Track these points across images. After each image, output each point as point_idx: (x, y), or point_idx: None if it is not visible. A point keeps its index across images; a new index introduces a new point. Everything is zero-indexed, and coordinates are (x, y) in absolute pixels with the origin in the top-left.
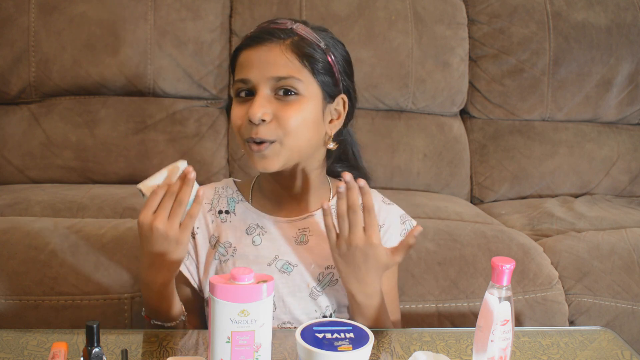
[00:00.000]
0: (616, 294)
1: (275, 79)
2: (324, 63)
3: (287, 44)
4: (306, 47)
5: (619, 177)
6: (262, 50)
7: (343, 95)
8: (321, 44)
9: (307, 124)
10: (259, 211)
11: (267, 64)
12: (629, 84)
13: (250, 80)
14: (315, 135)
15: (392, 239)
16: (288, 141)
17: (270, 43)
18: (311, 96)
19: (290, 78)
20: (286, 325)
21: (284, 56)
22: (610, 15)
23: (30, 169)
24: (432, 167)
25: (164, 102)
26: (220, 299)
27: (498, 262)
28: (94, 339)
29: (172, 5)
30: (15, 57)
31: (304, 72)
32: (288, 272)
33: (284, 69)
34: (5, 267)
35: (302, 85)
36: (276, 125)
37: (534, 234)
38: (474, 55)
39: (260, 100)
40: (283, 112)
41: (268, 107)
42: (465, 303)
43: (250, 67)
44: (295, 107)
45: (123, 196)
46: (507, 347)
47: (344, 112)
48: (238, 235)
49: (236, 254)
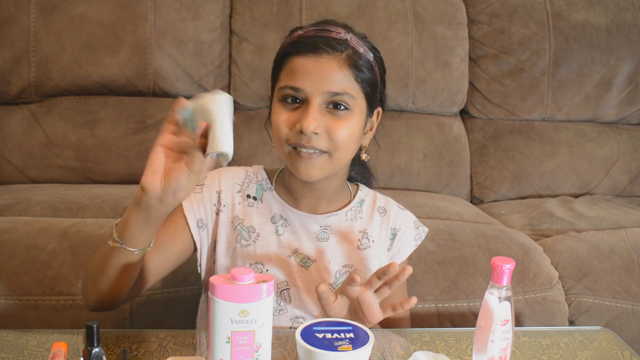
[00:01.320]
0: (616, 294)
1: (330, 93)
2: (371, 77)
3: (344, 58)
4: (359, 62)
5: (619, 177)
6: (319, 62)
7: (379, 108)
8: (370, 56)
9: (353, 139)
10: (284, 202)
11: (324, 77)
12: (629, 84)
13: (304, 91)
14: (355, 148)
15: (407, 242)
16: (336, 154)
17: (327, 55)
18: (359, 111)
19: (345, 94)
20: (299, 320)
21: (341, 71)
22: (610, 15)
23: (30, 169)
24: (432, 167)
25: (164, 102)
26: (220, 299)
27: (498, 262)
28: (94, 339)
29: (172, 5)
30: (15, 57)
31: (356, 88)
32: (307, 267)
33: (341, 84)
34: (5, 267)
35: (353, 101)
36: (327, 138)
37: (534, 234)
38: (474, 55)
39: (313, 112)
40: (334, 126)
41: (321, 120)
42: (465, 303)
43: (305, 77)
44: (345, 122)
45: (123, 196)
46: (507, 347)
47: (376, 123)
48: (263, 222)
49: (258, 241)
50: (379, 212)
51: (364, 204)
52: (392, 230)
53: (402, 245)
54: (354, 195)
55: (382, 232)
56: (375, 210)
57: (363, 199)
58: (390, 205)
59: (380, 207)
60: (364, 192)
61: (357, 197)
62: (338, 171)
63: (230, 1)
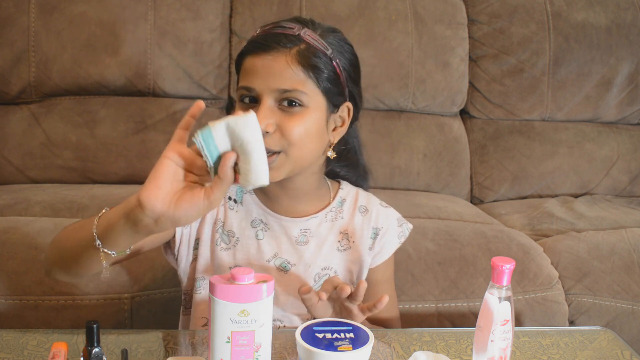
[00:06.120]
0: (616, 294)
1: (279, 91)
2: (329, 72)
3: (293, 54)
4: (312, 57)
5: (619, 177)
6: (267, 59)
7: (348, 103)
8: (328, 51)
9: (310, 135)
10: (264, 206)
11: (272, 75)
12: (629, 84)
13: (254, 90)
14: (319, 145)
15: (390, 240)
16: (292, 152)
17: (275, 52)
18: (315, 107)
19: (295, 91)
20: (276, 324)
21: (290, 68)
22: (610, 15)
23: (30, 169)
24: (432, 167)
25: (164, 102)
26: (220, 299)
27: (498, 262)
28: (94, 339)
29: (172, 5)
30: (15, 57)
31: (309, 84)
32: (285, 271)
33: (289, 81)
34: (5, 267)
35: (306, 97)
36: (280, 137)
37: (534, 234)
38: (474, 55)
39: (264, 111)
40: (287, 124)
41: (272, 118)
42: (465, 303)
43: (254, 76)
44: (299, 118)
45: (123, 196)
46: (507, 347)
47: (348, 119)
48: (243, 226)
49: (238, 245)
50: (360, 211)
51: (345, 204)
52: (373, 230)
53: (385, 243)
54: (335, 194)
55: (363, 232)
56: (356, 210)
57: (344, 198)
58: (373, 203)
59: (361, 205)
60: (345, 191)
61: (338, 196)
62: (304, 170)
63: (230, 1)
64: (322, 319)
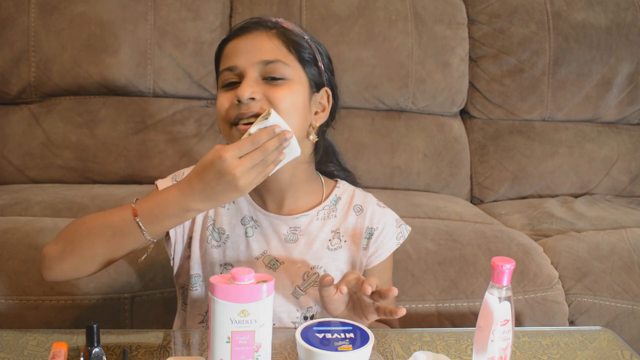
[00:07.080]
0: (616, 294)
1: (263, 62)
2: (309, 53)
3: (274, 32)
4: (292, 35)
5: (619, 177)
6: (248, 38)
7: (327, 89)
8: (306, 36)
9: (296, 108)
10: (254, 203)
11: (254, 49)
12: (629, 84)
13: (238, 67)
14: (303, 122)
15: (387, 240)
16: None
17: (256, 31)
18: (299, 81)
19: (278, 62)
20: None
21: (271, 42)
22: (610, 15)
23: (30, 169)
24: (432, 167)
25: (164, 102)
26: (220, 299)
27: (498, 262)
28: (94, 339)
29: (172, 5)
30: (15, 57)
31: (291, 58)
32: (274, 269)
33: (272, 53)
34: (5, 267)
35: (289, 70)
36: (266, 102)
37: (534, 234)
38: (474, 55)
39: (248, 81)
40: (273, 93)
41: (257, 87)
42: (465, 303)
43: (237, 54)
44: (285, 89)
45: (123, 196)
46: (507, 347)
47: (328, 106)
48: (233, 224)
49: (228, 242)
50: (354, 210)
51: (340, 202)
52: (368, 230)
53: (381, 244)
54: (330, 192)
55: (356, 232)
56: (351, 209)
57: (339, 196)
58: (369, 203)
59: (357, 205)
60: (341, 189)
61: (333, 194)
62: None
63: (230, 1)
64: (322, 319)
